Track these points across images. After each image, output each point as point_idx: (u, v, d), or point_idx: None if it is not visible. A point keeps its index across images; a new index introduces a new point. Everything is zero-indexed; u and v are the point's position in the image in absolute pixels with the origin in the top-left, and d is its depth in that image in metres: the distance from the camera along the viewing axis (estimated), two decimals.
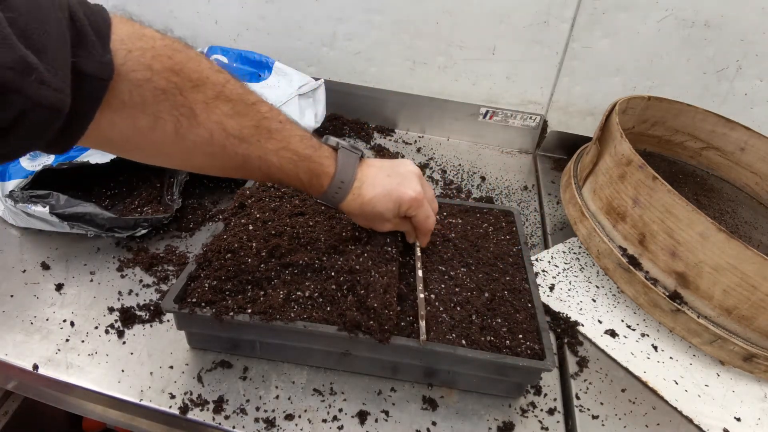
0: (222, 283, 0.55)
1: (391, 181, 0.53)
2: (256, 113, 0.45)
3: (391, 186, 0.53)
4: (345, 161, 0.52)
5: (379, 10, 0.98)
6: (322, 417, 0.52)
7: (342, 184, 0.51)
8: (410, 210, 0.54)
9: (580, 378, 0.60)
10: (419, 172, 0.56)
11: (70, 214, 0.66)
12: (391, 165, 0.55)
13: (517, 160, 1.06)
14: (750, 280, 0.55)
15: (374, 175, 0.53)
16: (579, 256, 0.77)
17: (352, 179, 0.52)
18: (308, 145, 0.49)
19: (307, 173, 0.50)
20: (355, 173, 0.52)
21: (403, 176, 0.54)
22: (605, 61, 0.95)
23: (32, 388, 0.58)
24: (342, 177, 0.51)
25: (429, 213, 0.56)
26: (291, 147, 0.47)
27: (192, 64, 0.41)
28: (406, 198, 0.53)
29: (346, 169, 0.51)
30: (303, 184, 0.51)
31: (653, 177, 0.61)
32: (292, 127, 0.48)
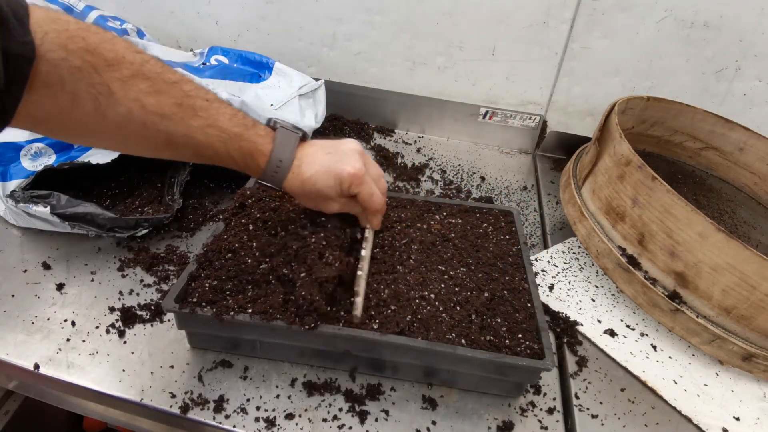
0: (222, 282, 0.56)
1: (330, 158, 0.53)
2: (177, 91, 0.46)
3: (330, 163, 0.53)
4: (283, 140, 0.52)
5: (379, 11, 0.98)
6: (322, 416, 0.52)
7: (280, 163, 0.51)
8: (352, 187, 0.53)
9: (579, 377, 0.60)
10: (361, 149, 0.56)
11: (71, 214, 0.66)
12: (332, 144, 0.55)
13: (516, 161, 1.06)
14: (749, 280, 0.55)
15: (314, 153, 0.53)
16: (578, 255, 0.77)
17: (291, 158, 0.52)
18: (238, 123, 0.49)
19: (239, 152, 0.49)
20: (294, 152, 0.52)
21: (343, 153, 0.54)
22: (604, 62, 0.95)
23: (33, 388, 0.58)
24: (279, 156, 0.51)
25: (373, 190, 0.55)
26: (218, 125, 0.47)
27: (107, 45, 0.42)
28: (345, 174, 0.52)
29: (284, 148, 0.51)
30: (237, 163, 0.51)
31: (652, 177, 0.61)
32: (220, 105, 0.48)
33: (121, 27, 0.87)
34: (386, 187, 0.59)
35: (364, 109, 1.11)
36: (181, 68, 0.78)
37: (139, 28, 0.93)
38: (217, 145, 0.48)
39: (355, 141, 0.56)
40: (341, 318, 0.53)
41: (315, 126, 0.92)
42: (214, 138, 0.48)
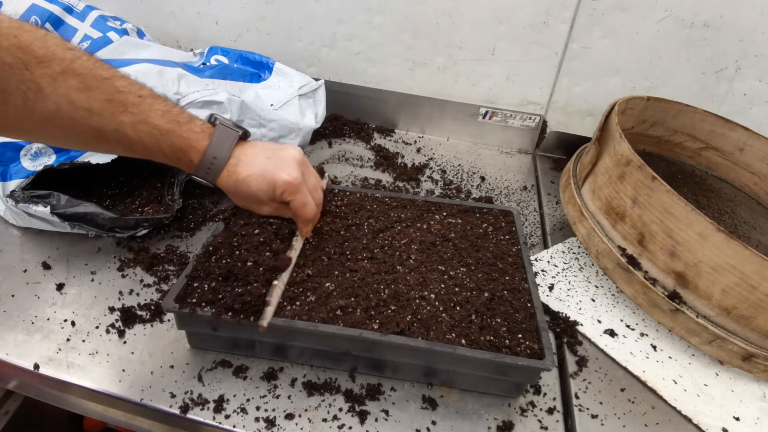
0: (222, 282, 0.56)
1: (269, 163, 0.53)
2: (108, 87, 0.46)
3: (267, 167, 0.52)
4: (220, 138, 0.51)
5: (379, 11, 0.98)
6: (322, 416, 0.52)
7: (215, 160, 0.51)
8: (285, 194, 0.53)
9: (579, 377, 0.60)
10: (302, 158, 0.56)
11: (71, 214, 0.66)
12: (274, 148, 0.55)
13: (516, 161, 1.06)
14: (749, 280, 0.55)
15: (253, 154, 0.53)
16: (578, 255, 0.77)
17: (227, 156, 0.52)
18: (171, 119, 0.49)
19: (171, 148, 0.49)
20: (231, 150, 0.52)
21: (282, 160, 0.54)
22: (604, 62, 0.95)
23: (33, 388, 0.58)
24: (215, 153, 0.51)
25: (307, 201, 0.55)
26: (150, 121, 0.47)
27: (38, 42, 0.42)
28: (280, 181, 0.52)
29: (220, 146, 0.51)
30: (168, 158, 0.50)
31: (652, 177, 0.61)
32: (153, 101, 0.48)
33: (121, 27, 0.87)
34: (321, 198, 0.59)
35: (364, 109, 1.11)
36: (181, 68, 0.78)
37: (139, 28, 0.93)
38: (147, 141, 0.48)
39: (297, 148, 0.56)
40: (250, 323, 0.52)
41: (315, 126, 0.92)
42: (145, 134, 0.47)
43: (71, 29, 0.80)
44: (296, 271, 0.58)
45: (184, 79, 0.75)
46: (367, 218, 0.69)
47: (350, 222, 0.68)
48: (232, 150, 0.52)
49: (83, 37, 0.80)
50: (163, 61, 0.79)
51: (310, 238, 0.64)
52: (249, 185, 0.52)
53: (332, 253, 0.62)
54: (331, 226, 0.67)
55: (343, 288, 0.56)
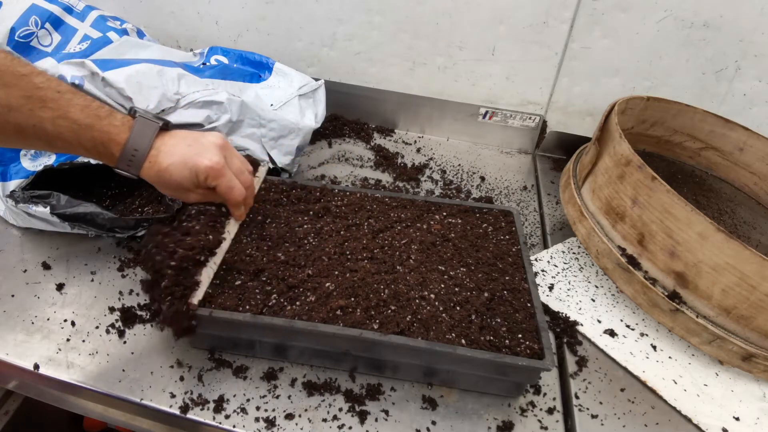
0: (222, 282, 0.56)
1: (189, 150, 0.53)
2: (27, 83, 0.46)
3: (188, 155, 0.53)
4: (140, 130, 0.52)
5: (379, 11, 0.98)
6: (322, 416, 0.52)
7: (135, 152, 0.51)
8: (209, 179, 0.54)
9: (579, 377, 0.60)
10: (224, 143, 0.56)
11: (71, 215, 0.66)
12: (194, 135, 0.55)
13: (516, 161, 1.06)
14: (749, 280, 0.55)
15: (173, 144, 0.53)
16: (578, 255, 0.77)
17: (148, 147, 0.52)
18: (90, 114, 0.49)
19: (91, 142, 0.50)
20: (151, 142, 0.52)
21: (203, 146, 0.54)
22: (604, 62, 0.95)
23: (33, 388, 0.58)
24: (135, 145, 0.51)
25: (232, 184, 0.56)
26: (69, 116, 0.48)
27: None
28: (201, 167, 0.52)
29: (141, 138, 0.51)
30: (90, 152, 0.51)
31: (652, 177, 0.61)
32: (72, 96, 0.49)
33: (121, 27, 0.87)
34: (251, 181, 0.59)
35: (364, 109, 1.11)
36: (181, 68, 0.78)
37: (139, 28, 0.93)
38: (67, 136, 0.48)
39: (218, 134, 0.57)
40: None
41: (315, 126, 0.92)
42: (65, 129, 0.48)
43: (71, 29, 0.80)
44: (296, 271, 0.58)
45: (184, 79, 0.75)
46: (367, 218, 0.69)
47: (350, 222, 0.68)
48: (152, 141, 0.52)
49: (83, 37, 0.80)
50: (163, 61, 0.79)
51: (311, 238, 0.64)
52: (171, 174, 0.53)
53: (332, 253, 0.62)
54: (331, 226, 0.67)
55: (343, 288, 0.56)
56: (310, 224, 0.67)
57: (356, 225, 0.68)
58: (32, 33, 0.76)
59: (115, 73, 0.68)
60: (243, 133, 0.78)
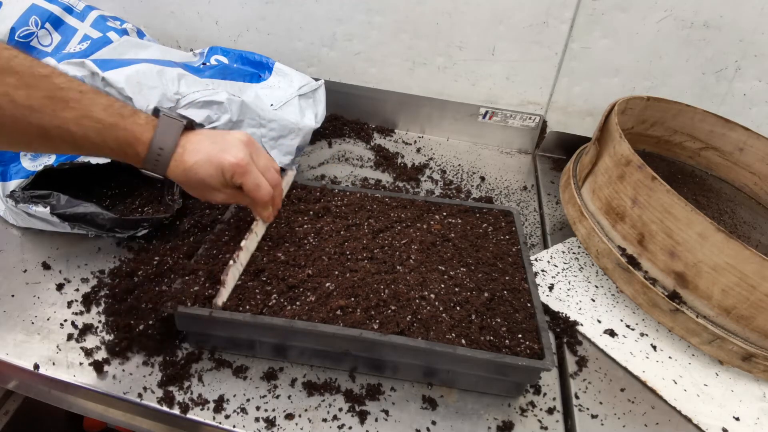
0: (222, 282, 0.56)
1: (214, 147, 0.52)
2: (48, 84, 0.46)
3: (213, 152, 0.52)
4: (165, 128, 0.51)
5: (379, 11, 0.98)
6: (322, 416, 0.52)
7: (161, 151, 0.51)
8: (235, 177, 0.53)
9: (579, 377, 0.60)
10: (249, 140, 0.55)
11: (71, 215, 0.66)
12: (219, 133, 0.55)
13: (516, 161, 1.06)
14: (749, 280, 0.55)
15: (198, 141, 0.53)
16: (578, 256, 0.77)
17: (173, 146, 0.51)
18: (114, 113, 0.48)
19: (116, 141, 0.49)
20: (177, 140, 0.51)
21: (227, 142, 0.53)
22: (604, 62, 0.95)
23: (33, 388, 0.58)
24: (160, 144, 0.50)
25: (259, 181, 0.54)
26: (92, 115, 0.47)
27: None
28: (226, 163, 0.52)
29: (166, 136, 0.51)
30: (116, 153, 0.50)
31: (652, 177, 0.61)
32: (95, 96, 0.48)
33: (121, 27, 0.87)
34: (278, 179, 0.58)
35: (364, 109, 1.11)
36: (181, 68, 0.78)
37: (139, 28, 0.93)
38: (92, 136, 0.48)
39: (244, 132, 0.56)
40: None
41: (315, 126, 0.92)
42: (90, 129, 0.47)
43: (71, 29, 0.80)
44: (296, 271, 0.58)
45: (184, 79, 0.75)
46: (367, 218, 0.69)
47: (350, 222, 0.68)
48: (178, 139, 0.52)
49: (83, 37, 0.80)
50: (163, 61, 0.79)
51: (311, 238, 0.64)
52: (197, 172, 0.52)
53: (332, 253, 0.62)
54: (331, 226, 0.67)
55: (343, 288, 0.56)
56: (310, 224, 0.67)
57: (356, 225, 0.68)
58: (32, 33, 0.76)
59: (115, 73, 0.68)
60: None
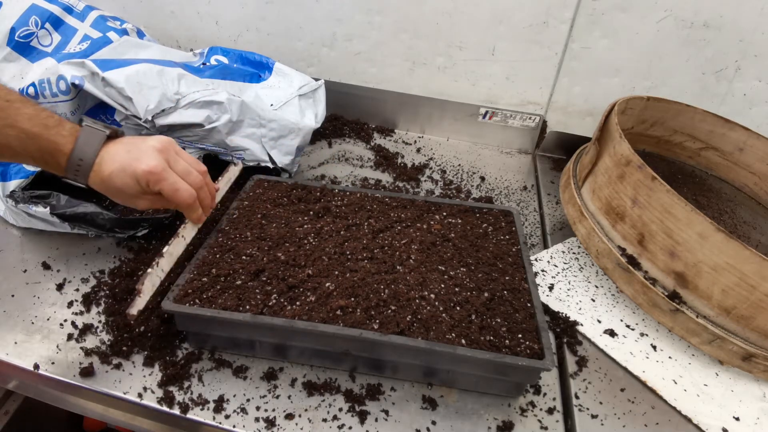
0: (223, 282, 0.56)
1: (128, 156, 0.52)
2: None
3: (126, 161, 0.52)
4: (86, 139, 0.51)
5: (379, 11, 0.98)
6: (322, 416, 0.52)
7: (81, 162, 0.51)
8: (150, 184, 0.52)
9: (579, 377, 0.60)
10: (164, 146, 0.54)
11: (71, 215, 0.66)
12: (135, 141, 0.54)
13: (516, 161, 1.06)
14: (749, 280, 0.55)
15: (114, 151, 0.52)
16: (578, 255, 0.77)
17: (93, 157, 0.51)
18: (38, 123, 0.49)
19: (39, 152, 0.49)
20: (97, 151, 0.51)
21: (141, 150, 0.53)
22: (604, 62, 0.95)
23: (33, 388, 0.58)
24: (80, 155, 0.51)
25: (177, 186, 0.54)
26: (17, 125, 0.48)
27: None
28: (139, 172, 0.51)
29: (87, 147, 0.51)
30: (38, 162, 0.51)
31: (652, 177, 0.61)
32: (21, 105, 0.49)
33: (121, 27, 0.87)
34: (201, 181, 0.57)
35: (364, 109, 1.11)
36: (181, 68, 0.78)
37: (139, 28, 0.93)
38: (14, 145, 0.48)
39: (161, 138, 0.55)
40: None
41: (315, 126, 0.92)
42: (12, 138, 0.48)
43: (71, 29, 0.80)
44: (296, 271, 0.58)
45: (184, 79, 0.75)
46: (367, 218, 0.69)
47: (350, 222, 0.68)
48: (98, 150, 0.52)
49: (83, 37, 0.80)
50: (163, 61, 0.79)
51: (311, 238, 0.64)
52: (113, 182, 0.52)
53: (332, 253, 0.62)
54: (331, 226, 0.67)
55: (343, 288, 0.56)
56: (310, 224, 0.67)
57: (356, 225, 0.68)
58: (32, 33, 0.76)
59: (115, 73, 0.68)
60: (243, 133, 0.78)
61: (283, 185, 0.74)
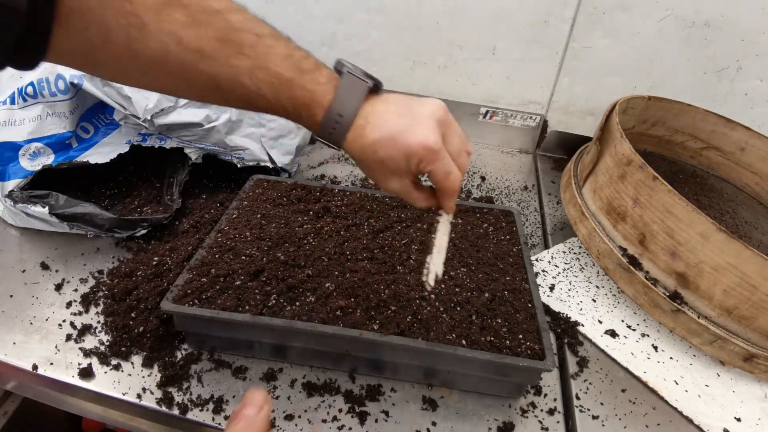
0: (222, 283, 0.55)
1: (400, 122, 0.42)
2: (221, 22, 0.38)
3: (398, 129, 0.42)
4: (346, 90, 0.42)
5: (379, 10, 0.98)
6: (321, 417, 0.52)
7: (340, 118, 0.42)
8: (422, 164, 0.43)
9: (580, 378, 0.60)
10: (444, 115, 0.44)
11: (69, 215, 0.66)
12: (408, 102, 0.45)
13: (517, 160, 1.06)
14: (750, 280, 0.55)
15: (383, 111, 0.43)
16: (579, 256, 0.77)
17: (353, 114, 0.42)
18: (293, 65, 0.40)
19: (291, 102, 0.41)
20: (358, 107, 0.42)
21: (416, 118, 0.43)
22: (605, 61, 0.95)
23: (31, 389, 0.58)
24: (339, 109, 0.42)
25: (449, 168, 0.44)
26: (268, 66, 0.39)
27: None
28: (414, 145, 0.42)
29: (347, 100, 0.42)
30: (290, 114, 0.42)
31: (653, 177, 0.61)
32: (274, 42, 0.41)
33: None
34: (466, 164, 0.47)
35: None
36: None
37: None
38: (266, 92, 0.40)
39: (435, 101, 0.45)
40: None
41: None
42: (263, 83, 0.39)
43: None
44: (296, 272, 0.58)
45: None
46: (367, 218, 0.69)
47: (350, 222, 0.68)
48: (360, 106, 0.42)
49: None
50: None
51: (311, 238, 0.64)
52: (376, 151, 0.42)
53: (332, 254, 0.62)
54: (331, 226, 0.66)
55: (343, 288, 0.56)
56: (310, 224, 0.66)
57: (356, 225, 0.67)
58: None
59: None
60: (242, 133, 0.77)
61: (283, 185, 0.74)
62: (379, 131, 0.42)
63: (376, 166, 0.44)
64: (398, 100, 0.45)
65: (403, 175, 0.45)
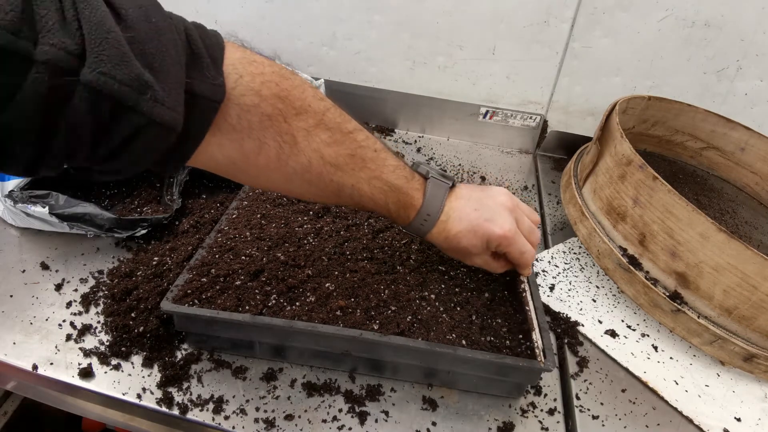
0: (222, 283, 0.55)
1: (478, 215, 0.51)
2: (352, 142, 0.46)
3: (477, 221, 0.51)
4: (433, 193, 0.51)
5: (379, 10, 0.98)
6: (322, 417, 0.52)
7: (428, 217, 0.51)
8: (500, 247, 0.52)
9: (580, 378, 0.60)
10: (512, 203, 0.54)
11: (69, 215, 0.65)
12: (481, 197, 0.53)
13: (517, 160, 1.06)
14: (750, 280, 0.55)
15: (461, 207, 0.52)
16: (579, 256, 0.77)
17: (439, 212, 0.51)
18: (400, 175, 0.49)
19: (396, 204, 0.50)
20: (442, 206, 0.51)
21: (491, 210, 0.52)
22: (605, 61, 0.95)
23: (31, 389, 0.58)
24: (428, 210, 0.50)
25: (524, 248, 0.53)
26: (383, 177, 0.48)
27: (297, 92, 0.42)
28: (494, 236, 0.51)
29: (433, 202, 0.51)
30: (390, 213, 0.51)
31: (653, 177, 0.61)
32: (386, 156, 0.49)
33: None
34: (539, 238, 0.56)
35: (364, 109, 1.11)
36: None
37: None
38: (378, 197, 0.48)
39: (504, 192, 0.54)
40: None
41: None
42: (378, 190, 0.48)
43: None
44: (296, 272, 0.58)
45: None
46: (367, 218, 0.69)
47: (350, 222, 0.68)
48: (443, 205, 0.51)
49: None
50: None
51: (311, 238, 0.64)
52: (459, 241, 0.51)
53: (332, 254, 0.62)
54: (331, 226, 0.66)
55: (343, 288, 0.56)
56: (310, 224, 0.66)
57: (356, 225, 0.67)
58: None
59: None
60: None
61: None
62: (459, 225, 0.51)
63: (460, 250, 0.53)
64: (471, 194, 0.53)
65: (482, 254, 0.54)
